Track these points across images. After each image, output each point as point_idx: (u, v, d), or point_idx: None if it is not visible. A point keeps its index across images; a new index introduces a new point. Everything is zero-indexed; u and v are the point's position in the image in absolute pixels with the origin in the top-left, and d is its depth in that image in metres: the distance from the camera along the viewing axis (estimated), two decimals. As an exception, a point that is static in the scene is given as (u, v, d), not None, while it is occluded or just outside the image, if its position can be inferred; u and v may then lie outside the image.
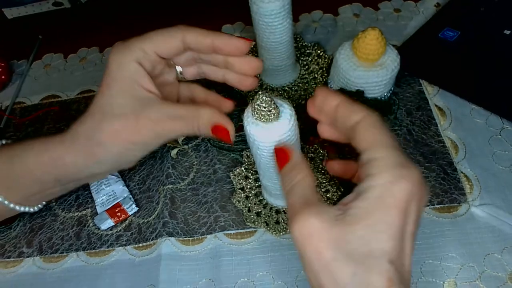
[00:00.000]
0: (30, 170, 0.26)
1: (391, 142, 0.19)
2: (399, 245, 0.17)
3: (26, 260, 0.32)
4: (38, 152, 0.26)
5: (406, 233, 0.18)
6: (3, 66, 0.44)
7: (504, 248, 0.27)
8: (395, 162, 0.18)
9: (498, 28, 0.38)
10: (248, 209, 0.31)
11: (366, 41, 0.31)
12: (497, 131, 0.33)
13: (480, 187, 0.30)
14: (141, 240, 0.31)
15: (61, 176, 0.27)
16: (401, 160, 0.18)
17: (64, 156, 0.26)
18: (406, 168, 0.18)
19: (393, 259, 0.17)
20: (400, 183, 0.17)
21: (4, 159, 0.27)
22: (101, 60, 0.45)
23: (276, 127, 0.22)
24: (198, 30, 0.25)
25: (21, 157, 0.26)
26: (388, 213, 0.17)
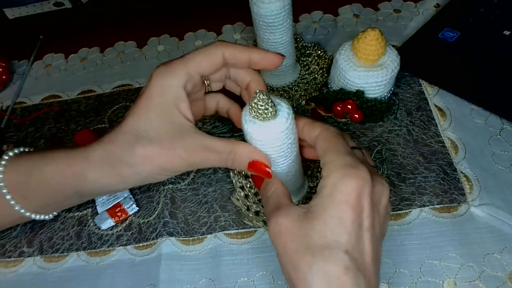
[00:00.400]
0: (50, 183, 0.26)
1: (341, 148, 0.22)
2: (354, 237, 0.19)
3: (26, 259, 0.32)
4: (59, 166, 0.26)
5: (363, 226, 0.20)
6: (4, 66, 0.44)
7: (503, 248, 0.27)
8: (342, 163, 0.21)
9: (497, 29, 0.38)
10: (247, 208, 0.31)
11: (366, 42, 0.31)
12: (496, 131, 0.33)
13: (480, 187, 0.30)
14: (142, 240, 0.31)
15: (81, 190, 0.26)
16: (349, 162, 0.21)
17: (87, 173, 0.25)
18: (353, 167, 0.20)
19: (349, 250, 0.19)
20: (346, 180, 0.20)
21: (23, 169, 0.26)
22: (102, 60, 0.46)
23: (274, 126, 0.22)
24: (236, 45, 0.26)
25: (41, 169, 0.26)
26: (338, 208, 0.20)
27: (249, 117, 0.23)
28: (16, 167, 0.27)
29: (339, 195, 0.20)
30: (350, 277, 0.19)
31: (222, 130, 0.36)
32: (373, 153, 0.33)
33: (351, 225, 0.19)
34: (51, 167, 0.26)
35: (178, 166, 0.25)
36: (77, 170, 0.25)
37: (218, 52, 0.25)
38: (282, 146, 0.23)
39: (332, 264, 0.19)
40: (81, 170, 0.25)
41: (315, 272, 0.19)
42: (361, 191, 0.20)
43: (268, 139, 0.23)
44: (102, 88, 0.42)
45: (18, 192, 0.27)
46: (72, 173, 0.25)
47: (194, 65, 0.25)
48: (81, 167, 0.25)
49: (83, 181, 0.26)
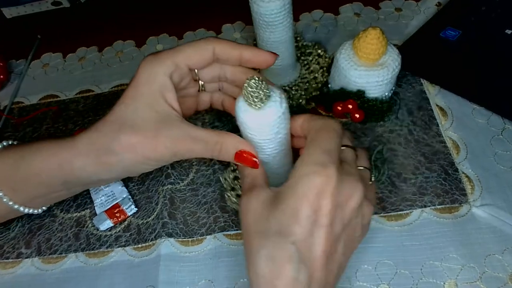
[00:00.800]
0: (37, 173, 0.26)
1: (321, 144, 0.22)
2: (306, 231, 0.20)
3: (24, 261, 0.31)
4: (46, 156, 0.26)
5: (318, 223, 0.20)
6: (2, 65, 0.44)
7: (505, 249, 0.27)
8: (313, 159, 0.21)
9: (499, 28, 0.38)
10: (232, 189, 0.31)
11: (367, 41, 0.31)
12: (498, 131, 0.33)
13: (482, 187, 0.30)
14: (140, 241, 0.31)
15: (68, 180, 0.26)
16: (320, 159, 0.21)
17: (73, 161, 0.25)
18: (322, 165, 0.21)
19: (298, 242, 0.20)
20: (310, 177, 0.20)
21: (11, 161, 0.27)
22: (100, 59, 0.45)
23: (267, 113, 0.22)
24: (228, 42, 0.26)
25: (28, 160, 0.26)
26: (297, 201, 0.20)
27: (243, 105, 0.23)
28: (3, 159, 0.27)
29: (300, 189, 0.21)
30: (291, 266, 0.20)
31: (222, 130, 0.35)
32: (374, 153, 0.33)
33: (305, 220, 0.20)
34: (38, 157, 0.26)
35: (162, 155, 0.25)
36: (63, 159, 0.25)
37: (209, 47, 0.25)
38: (275, 134, 0.23)
39: (278, 250, 0.20)
40: (68, 158, 0.25)
41: (262, 255, 0.20)
42: (322, 190, 0.20)
43: (261, 125, 0.23)
44: (101, 87, 0.42)
45: (6, 184, 0.26)
46: (59, 161, 0.25)
47: (183, 56, 0.25)
48: (67, 156, 0.25)
49: (70, 170, 0.26)
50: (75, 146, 0.25)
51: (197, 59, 0.26)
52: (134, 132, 0.24)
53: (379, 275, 0.27)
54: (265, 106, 0.22)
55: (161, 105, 0.25)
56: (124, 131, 0.24)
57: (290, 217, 0.20)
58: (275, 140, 0.24)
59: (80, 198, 0.34)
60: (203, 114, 0.37)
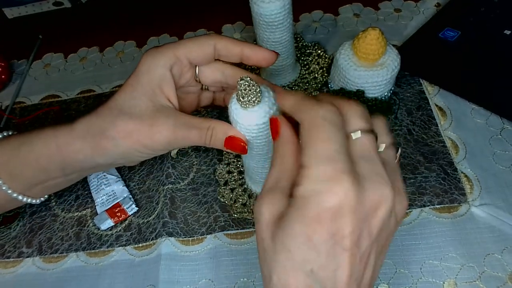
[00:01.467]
0: (36, 157, 0.26)
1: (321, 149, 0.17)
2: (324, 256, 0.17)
3: (25, 260, 0.32)
4: (45, 139, 0.26)
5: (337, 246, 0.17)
6: (3, 65, 0.44)
7: (504, 248, 0.27)
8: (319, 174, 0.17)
9: (498, 28, 0.38)
10: (234, 201, 0.31)
11: (367, 41, 0.31)
12: (497, 131, 0.33)
13: (481, 187, 0.30)
14: (141, 240, 0.31)
15: (66, 164, 0.27)
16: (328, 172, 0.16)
17: (71, 143, 0.26)
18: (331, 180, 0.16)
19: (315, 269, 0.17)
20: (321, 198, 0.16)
21: (10, 147, 0.27)
22: (101, 60, 0.45)
23: (257, 113, 0.23)
24: (229, 38, 0.26)
25: (29, 144, 0.27)
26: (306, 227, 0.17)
27: (236, 104, 0.23)
28: (3, 146, 0.27)
29: (309, 212, 0.17)
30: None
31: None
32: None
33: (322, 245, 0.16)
34: (38, 141, 0.26)
35: (158, 143, 0.25)
36: (61, 141, 0.26)
37: (210, 42, 0.26)
38: (265, 134, 0.24)
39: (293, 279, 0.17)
40: (66, 141, 0.26)
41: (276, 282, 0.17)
42: (338, 210, 0.16)
43: (250, 125, 0.23)
44: (102, 87, 0.42)
45: (5, 171, 0.27)
46: (57, 144, 0.26)
47: (184, 49, 0.26)
48: (65, 138, 0.26)
49: (67, 153, 0.26)
50: (74, 129, 0.26)
51: (198, 53, 0.26)
52: (131, 119, 0.25)
53: (379, 274, 0.27)
54: (255, 107, 0.23)
55: (158, 96, 0.25)
56: (122, 117, 0.25)
57: (301, 244, 0.17)
58: (264, 139, 0.24)
59: (81, 197, 0.34)
60: (203, 113, 0.37)
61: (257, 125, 0.23)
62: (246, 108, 0.23)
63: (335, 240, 0.17)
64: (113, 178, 0.34)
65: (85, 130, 0.26)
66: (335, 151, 0.17)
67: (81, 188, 0.34)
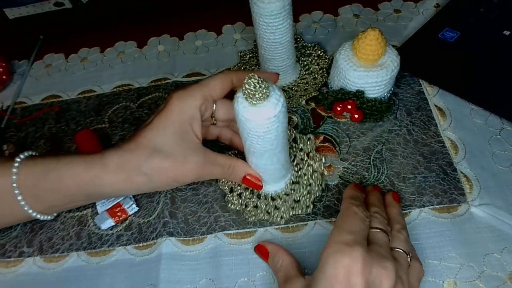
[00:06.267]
0: (67, 185, 0.27)
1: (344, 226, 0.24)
2: None
3: (26, 260, 0.32)
4: (76, 170, 0.27)
5: None
6: (4, 66, 0.44)
7: (503, 248, 0.27)
8: (339, 239, 0.22)
9: (497, 29, 0.38)
10: (245, 206, 0.31)
11: (366, 42, 0.31)
12: (496, 131, 0.33)
13: (480, 187, 0.30)
14: (142, 240, 0.31)
15: (93, 194, 0.28)
16: (345, 239, 0.22)
17: (103, 177, 0.27)
18: (347, 244, 0.22)
19: None
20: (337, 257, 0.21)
21: (38, 171, 0.27)
22: (102, 60, 0.46)
23: (266, 108, 0.23)
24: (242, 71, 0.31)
25: (57, 171, 0.27)
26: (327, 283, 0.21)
27: (242, 101, 0.24)
28: (31, 169, 0.28)
29: (328, 270, 0.21)
30: None
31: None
32: (373, 153, 0.33)
33: None
34: (69, 170, 0.27)
35: (188, 178, 0.28)
36: (94, 174, 0.27)
37: (228, 78, 0.29)
38: (264, 132, 0.24)
39: None
40: (97, 173, 0.27)
41: None
42: (351, 268, 0.21)
43: (265, 118, 0.23)
44: (102, 88, 0.42)
45: (29, 193, 0.28)
46: (90, 176, 0.27)
47: (208, 89, 0.28)
48: (97, 171, 0.27)
49: (98, 185, 0.27)
50: (106, 164, 0.27)
51: (219, 89, 0.29)
52: (165, 157, 0.27)
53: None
54: (260, 104, 0.23)
55: (189, 134, 0.28)
56: (156, 155, 0.27)
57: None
58: (275, 132, 0.25)
59: (81, 197, 0.34)
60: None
61: (269, 118, 0.23)
62: (256, 105, 0.23)
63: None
64: (113, 178, 0.34)
65: (118, 166, 0.27)
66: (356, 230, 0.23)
67: (82, 188, 0.35)
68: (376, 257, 0.22)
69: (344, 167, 0.33)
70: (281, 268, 0.26)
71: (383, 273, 0.21)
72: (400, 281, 0.22)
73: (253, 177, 0.29)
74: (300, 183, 0.31)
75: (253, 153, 0.27)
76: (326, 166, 0.33)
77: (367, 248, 0.22)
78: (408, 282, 0.23)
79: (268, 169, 0.29)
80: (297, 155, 0.33)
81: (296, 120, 0.36)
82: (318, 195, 0.31)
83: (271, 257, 0.27)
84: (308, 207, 0.30)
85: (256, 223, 0.31)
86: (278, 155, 0.27)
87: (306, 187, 0.31)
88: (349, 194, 0.27)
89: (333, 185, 0.32)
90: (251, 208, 0.31)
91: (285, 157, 0.28)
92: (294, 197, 0.31)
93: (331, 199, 0.31)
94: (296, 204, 0.31)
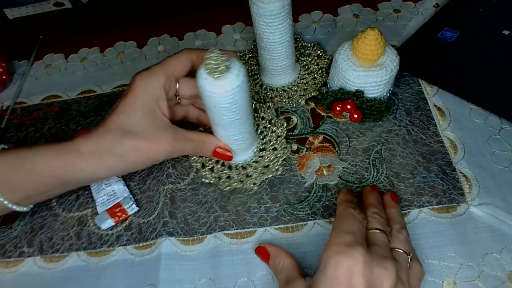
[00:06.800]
0: (38, 175, 0.28)
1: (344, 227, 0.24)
2: None
3: (26, 260, 0.32)
4: (48, 158, 0.28)
5: None
6: (4, 66, 0.44)
7: (503, 247, 0.27)
8: (338, 241, 0.23)
9: (497, 29, 0.38)
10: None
11: (366, 42, 0.31)
12: (496, 131, 0.33)
13: (479, 187, 0.30)
14: (141, 240, 0.31)
15: (68, 180, 0.29)
16: (345, 240, 0.22)
17: (76, 163, 0.28)
18: (347, 246, 0.22)
19: None
20: (337, 257, 0.21)
21: (11, 164, 0.28)
22: (102, 60, 0.46)
23: (228, 80, 0.25)
24: (200, 50, 0.31)
25: (31, 161, 0.27)
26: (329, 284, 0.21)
27: (205, 75, 0.25)
28: (3, 161, 0.28)
29: (329, 271, 0.21)
30: None
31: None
32: (373, 153, 0.33)
33: None
34: (41, 159, 0.28)
35: (161, 155, 0.29)
36: (65, 161, 0.28)
37: (187, 57, 0.30)
38: (230, 103, 0.26)
39: None
40: (70, 160, 0.28)
41: None
42: (351, 269, 0.21)
43: (229, 89, 0.25)
44: (102, 88, 0.43)
45: (4, 184, 0.28)
46: (61, 163, 0.28)
47: (170, 68, 0.29)
48: (69, 158, 0.28)
49: (71, 171, 0.28)
50: (79, 149, 0.28)
51: (180, 68, 0.30)
52: (137, 137, 0.28)
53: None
54: (223, 77, 0.25)
55: (157, 113, 0.29)
56: (128, 136, 0.28)
57: None
58: (239, 103, 0.26)
59: (81, 197, 0.34)
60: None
61: (233, 89, 0.25)
62: (219, 78, 0.24)
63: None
64: (113, 178, 0.34)
65: (91, 151, 0.28)
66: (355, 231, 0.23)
67: (82, 188, 0.35)
68: (376, 257, 0.22)
69: (343, 167, 0.33)
70: (282, 270, 0.26)
71: (384, 273, 0.21)
72: (401, 281, 0.22)
73: (222, 149, 0.31)
74: (266, 149, 0.34)
75: (221, 125, 0.29)
76: (326, 166, 0.33)
77: (368, 248, 0.22)
78: (408, 283, 0.23)
79: (236, 139, 0.30)
80: (260, 123, 0.35)
81: (295, 120, 0.36)
82: (284, 157, 0.33)
83: (272, 259, 0.28)
84: (277, 170, 0.32)
85: (256, 223, 0.31)
86: (244, 124, 0.29)
87: (273, 152, 0.33)
88: (344, 198, 0.28)
89: (333, 185, 0.32)
90: (225, 179, 0.32)
91: (250, 126, 0.30)
92: (263, 163, 0.33)
93: (330, 199, 0.31)
94: (265, 169, 0.32)
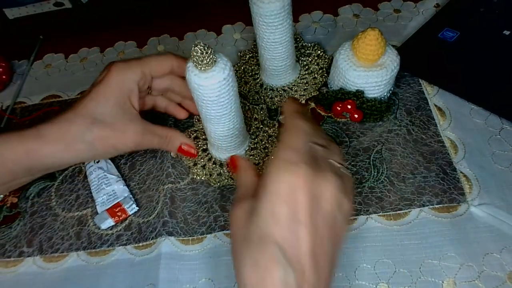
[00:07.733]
0: (3, 162, 0.28)
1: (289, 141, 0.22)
2: (287, 230, 0.19)
3: (26, 259, 0.32)
4: (12, 145, 0.28)
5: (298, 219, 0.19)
6: (4, 66, 0.44)
7: (503, 247, 0.27)
8: (283, 157, 0.21)
9: (497, 29, 0.38)
10: (210, 175, 0.33)
11: (366, 42, 0.31)
12: (496, 131, 0.33)
13: (479, 187, 0.30)
14: (141, 240, 0.31)
15: (33, 166, 0.29)
16: (289, 156, 0.21)
17: (41, 149, 0.28)
18: (291, 162, 0.20)
19: (280, 242, 0.19)
20: (280, 174, 0.20)
21: None
22: (102, 60, 0.46)
23: (215, 73, 0.25)
24: (182, 59, 0.32)
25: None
26: (271, 201, 0.20)
27: (192, 68, 0.25)
28: None
29: (271, 187, 0.20)
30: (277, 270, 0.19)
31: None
32: (373, 153, 0.33)
33: (284, 218, 0.19)
34: (3, 145, 0.28)
35: (128, 146, 0.30)
36: (30, 147, 0.28)
37: (168, 62, 0.31)
38: (217, 96, 0.26)
39: (261, 254, 0.19)
40: (34, 147, 0.28)
41: (247, 264, 0.20)
42: (295, 185, 0.20)
43: (216, 82, 0.25)
44: (102, 88, 0.42)
45: None
46: (25, 149, 0.28)
47: (148, 67, 0.30)
48: (34, 144, 0.28)
49: (35, 157, 0.28)
50: (43, 135, 0.28)
51: (159, 70, 0.31)
52: (106, 126, 0.29)
53: (378, 274, 0.28)
54: (209, 70, 0.25)
55: (127, 106, 0.30)
56: (98, 124, 0.29)
57: (268, 217, 0.20)
58: (227, 96, 0.27)
59: (81, 197, 0.34)
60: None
61: (219, 82, 0.25)
62: (206, 70, 0.25)
63: (294, 213, 0.19)
64: (113, 178, 0.34)
65: (57, 136, 0.28)
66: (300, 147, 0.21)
67: (82, 188, 0.35)
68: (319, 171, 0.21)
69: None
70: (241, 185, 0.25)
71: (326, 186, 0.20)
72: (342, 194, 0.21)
73: (187, 145, 0.32)
74: (258, 148, 0.34)
75: (209, 120, 0.29)
76: None
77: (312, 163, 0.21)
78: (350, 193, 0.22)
79: (225, 135, 0.30)
80: (252, 124, 0.35)
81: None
82: None
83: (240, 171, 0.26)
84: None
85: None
86: (233, 120, 0.29)
87: (264, 151, 0.33)
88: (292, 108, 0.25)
89: (333, 185, 0.32)
90: (215, 176, 0.33)
91: (240, 122, 0.31)
92: (253, 161, 0.33)
93: (330, 199, 0.31)
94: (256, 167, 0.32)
